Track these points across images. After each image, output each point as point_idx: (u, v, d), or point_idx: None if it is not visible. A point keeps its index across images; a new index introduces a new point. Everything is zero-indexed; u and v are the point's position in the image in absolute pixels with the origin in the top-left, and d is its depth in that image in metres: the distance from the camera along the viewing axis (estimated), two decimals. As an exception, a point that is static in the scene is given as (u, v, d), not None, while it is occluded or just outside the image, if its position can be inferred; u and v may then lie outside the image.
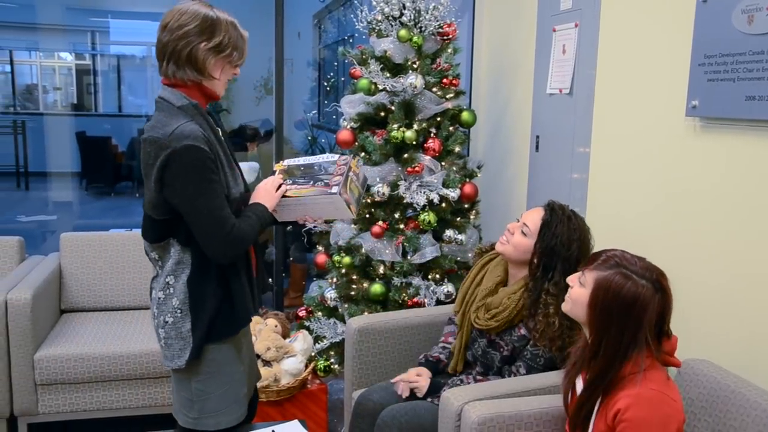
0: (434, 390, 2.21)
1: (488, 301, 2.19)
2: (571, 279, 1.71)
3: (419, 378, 2.27)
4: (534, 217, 2.14)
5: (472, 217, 3.18)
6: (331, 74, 6.06)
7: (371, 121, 3.12)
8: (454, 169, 3.06)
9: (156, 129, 1.69)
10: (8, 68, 10.30)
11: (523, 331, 2.12)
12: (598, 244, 2.12)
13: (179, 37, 1.73)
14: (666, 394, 1.54)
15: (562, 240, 2.06)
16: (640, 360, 1.55)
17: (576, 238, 2.08)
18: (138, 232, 3.55)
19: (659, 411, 1.51)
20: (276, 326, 3.03)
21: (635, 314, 1.55)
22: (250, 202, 1.86)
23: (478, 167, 3.23)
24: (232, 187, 1.81)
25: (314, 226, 3.29)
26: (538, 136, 3.10)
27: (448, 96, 3.07)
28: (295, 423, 2.06)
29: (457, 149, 3.09)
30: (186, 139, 1.65)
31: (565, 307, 1.72)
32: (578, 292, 1.65)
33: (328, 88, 5.19)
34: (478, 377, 2.21)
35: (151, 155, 1.69)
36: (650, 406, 1.51)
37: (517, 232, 2.15)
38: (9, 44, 10.11)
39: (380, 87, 3.03)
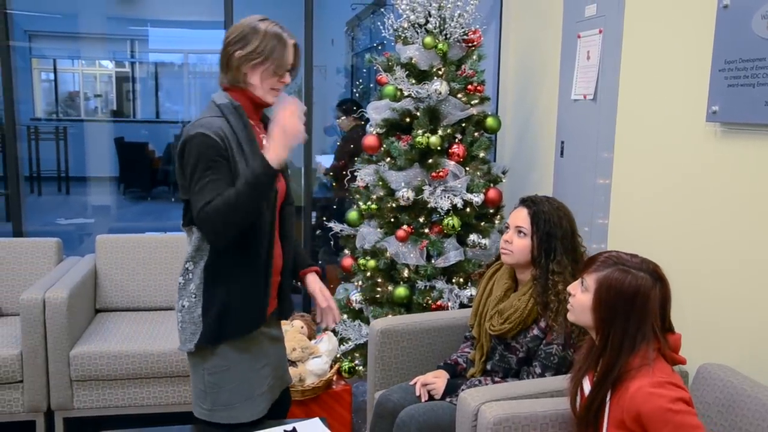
0: (452, 390, 2.25)
1: (500, 307, 2.23)
2: (572, 287, 1.74)
3: (436, 380, 2.31)
4: (522, 216, 2.22)
5: (496, 221, 3.20)
6: (360, 81, 6.15)
7: (397, 126, 3.16)
8: (479, 174, 3.09)
9: (192, 123, 1.85)
10: (52, 76, 10.62)
11: (536, 332, 2.15)
12: (621, 248, 2.13)
13: (224, 47, 1.89)
14: (676, 384, 1.57)
15: (554, 221, 2.16)
16: (648, 352, 1.59)
17: (563, 215, 2.19)
18: (170, 235, 3.67)
19: (676, 393, 1.54)
20: (302, 327, 3.09)
21: (638, 305, 1.59)
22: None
23: (503, 172, 3.25)
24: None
25: (341, 230, 3.35)
26: (563, 142, 3.11)
27: (472, 102, 3.11)
28: (316, 420, 2.10)
29: (481, 154, 3.12)
30: (201, 128, 1.79)
31: (570, 316, 1.75)
32: (581, 298, 1.68)
33: (357, 95, 5.26)
34: (497, 379, 2.23)
35: (180, 141, 1.85)
36: (666, 391, 1.54)
37: (515, 239, 2.22)
38: (53, 53, 10.42)
39: (406, 93, 3.07)
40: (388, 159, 3.12)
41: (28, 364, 2.91)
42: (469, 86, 3.09)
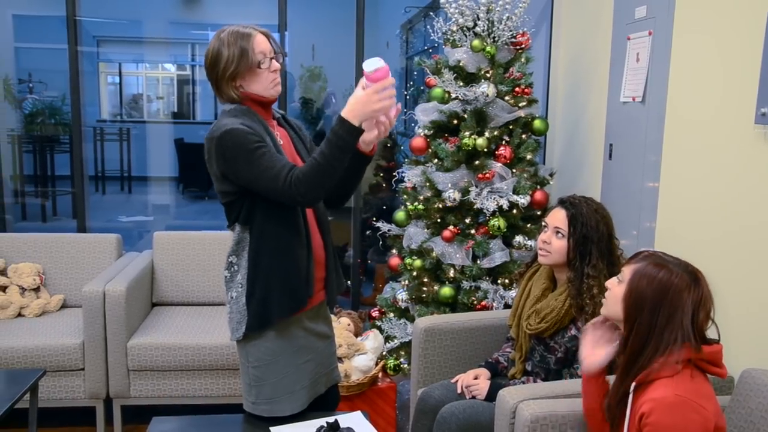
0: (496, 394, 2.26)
1: (538, 306, 2.25)
2: (610, 282, 1.74)
3: (477, 381, 2.34)
4: (560, 217, 2.22)
5: (542, 224, 3.20)
6: (412, 83, 6.20)
7: (444, 128, 3.20)
8: (525, 176, 3.10)
9: (209, 130, 1.92)
10: (117, 79, 11.01)
11: (573, 332, 2.15)
12: (669, 252, 2.12)
13: (208, 77, 1.96)
14: (693, 401, 1.52)
15: (591, 225, 2.16)
16: (675, 360, 1.55)
17: (600, 218, 2.18)
18: (225, 232, 3.77)
19: (683, 417, 1.50)
20: (349, 325, 3.16)
21: (669, 299, 1.57)
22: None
23: (551, 175, 3.25)
24: None
25: (388, 230, 3.40)
26: (611, 144, 3.09)
27: (520, 104, 3.12)
28: (358, 414, 2.16)
29: (528, 157, 3.12)
30: (224, 127, 1.84)
31: (603, 310, 1.75)
32: (616, 290, 1.68)
33: (407, 97, 5.31)
34: (538, 380, 2.25)
35: (206, 150, 1.91)
36: (672, 412, 1.51)
37: (553, 239, 2.22)
38: (118, 57, 10.80)
39: (453, 95, 3.11)
40: (436, 160, 3.16)
41: (89, 353, 3.07)
42: (517, 89, 3.11)
